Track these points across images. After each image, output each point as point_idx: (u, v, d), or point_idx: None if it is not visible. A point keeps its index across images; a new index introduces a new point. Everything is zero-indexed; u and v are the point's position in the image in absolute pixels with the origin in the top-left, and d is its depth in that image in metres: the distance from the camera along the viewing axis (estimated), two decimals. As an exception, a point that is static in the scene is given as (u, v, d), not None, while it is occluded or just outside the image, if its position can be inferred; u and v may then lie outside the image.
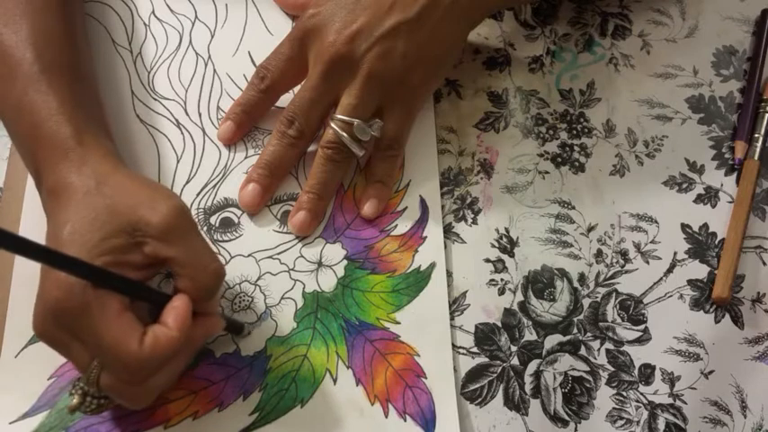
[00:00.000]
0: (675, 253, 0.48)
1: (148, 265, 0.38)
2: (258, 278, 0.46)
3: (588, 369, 0.45)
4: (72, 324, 0.35)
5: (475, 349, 0.45)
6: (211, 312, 0.40)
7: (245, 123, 0.49)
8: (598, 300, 0.47)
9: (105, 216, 0.36)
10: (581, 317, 0.46)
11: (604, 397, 0.44)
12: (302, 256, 0.46)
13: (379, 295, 0.46)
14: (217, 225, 0.47)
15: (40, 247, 0.31)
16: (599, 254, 0.48)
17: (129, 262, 0.37)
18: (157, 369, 0.36)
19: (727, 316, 0.47)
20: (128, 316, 0.36)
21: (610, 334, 0.46)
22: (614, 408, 0.44)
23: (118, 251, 0.36)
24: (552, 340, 0.46)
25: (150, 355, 0.35)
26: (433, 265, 0.46)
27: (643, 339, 0.46)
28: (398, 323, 0.45)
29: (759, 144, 0.51)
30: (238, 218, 0.47)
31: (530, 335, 0.46)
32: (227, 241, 0.46)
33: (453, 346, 0.45)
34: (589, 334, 0.46)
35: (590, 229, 0.49)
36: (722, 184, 0.51)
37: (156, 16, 0.53)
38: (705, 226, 0.49)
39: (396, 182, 0.49)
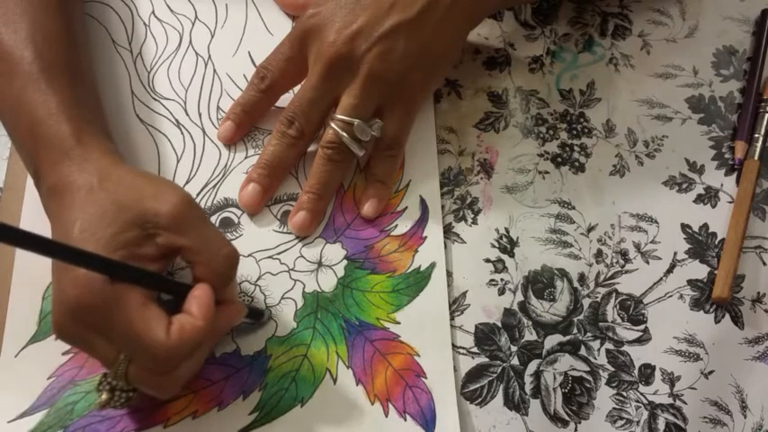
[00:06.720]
0: (675, 253, 0.48)
1: (162, 256, 0.38)
2: (258, 278, 0.46)
3: (588, 369, 0.45)
4: (95, 320, 0.35)
5: (475, 349, 0.45)
6: (232, 299, 0.40)
7: (245, 123, 0.49)
8: (598, 300, 0.47)
9: (113, 211, 0.37)
10: (581, 317, 0.46)
11: (604, 397, 0.44)
12: (302, 256, 0.46)
13: (379, 295, 0.46)
14: (217, 225, 0.47)
15: (62, 246, 0.31)
16: (599, 254, 0.48)
17: (144, 254, 0.37)
18: (185, 358, 0.36)
19: (727, 316, 0.47)
20: (152, 307, 0.36)
21: (610, 334, 0.46)
22: (614, 408, 0.44)
23: (132, 244, 0.36)
24: (552, 340, 0.46)
25: (178, 344, 0.35)
26: (433, 265, 0.46)
27: (643, 339, 0.46)
28: (398, 323, 0.45)
29: (759, 144, 0.51)
30: (238, 218, 0.47)
31: (530, 335, 0.46)
32: (226, 241, 0.46)
33: (453, 346, 0.45)
34: (589, 334, 0.46)
35: (590, 229, 0.49)
36: (722, 184, 0.51)
37: (156, 16, 0.53)
38: (705, 226, 0.49)
39: (396, 182, 0.49)
